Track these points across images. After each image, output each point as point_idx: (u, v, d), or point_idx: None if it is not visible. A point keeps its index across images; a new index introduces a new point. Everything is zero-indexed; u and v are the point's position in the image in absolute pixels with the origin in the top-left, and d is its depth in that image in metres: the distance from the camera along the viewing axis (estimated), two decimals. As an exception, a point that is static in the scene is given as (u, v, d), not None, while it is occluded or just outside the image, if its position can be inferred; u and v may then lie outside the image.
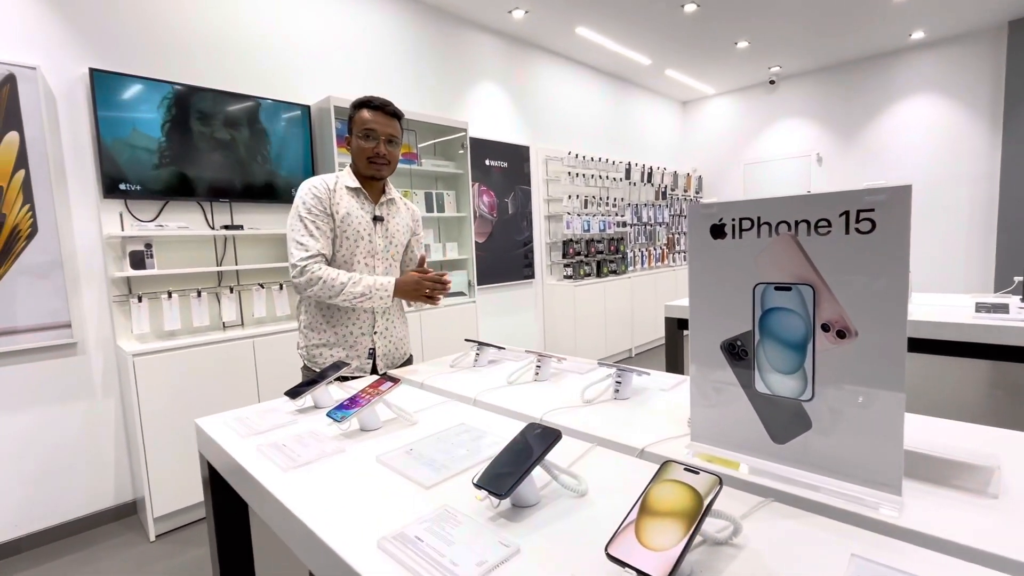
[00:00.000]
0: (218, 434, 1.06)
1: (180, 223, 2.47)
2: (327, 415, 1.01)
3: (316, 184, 1.47)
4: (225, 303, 2.58)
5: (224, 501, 1.15)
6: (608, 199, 5.37)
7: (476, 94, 4.13)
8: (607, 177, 5.36)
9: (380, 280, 1.44)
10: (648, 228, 6.05)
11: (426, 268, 1.53)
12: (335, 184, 1.50)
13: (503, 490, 0.65)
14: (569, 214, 4.83)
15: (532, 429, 0.76)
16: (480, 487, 0.68)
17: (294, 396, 1.17)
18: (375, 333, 1.56)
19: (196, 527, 2.32)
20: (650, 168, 5.97)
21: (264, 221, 2.79)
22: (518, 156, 4.49)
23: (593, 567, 0.56)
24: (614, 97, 5.69)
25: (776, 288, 0.75)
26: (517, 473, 0.67)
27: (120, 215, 2.33)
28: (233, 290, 2.63)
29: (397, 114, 1.51)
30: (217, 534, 1.17)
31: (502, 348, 1.61)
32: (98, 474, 2.34)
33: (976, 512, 0.64)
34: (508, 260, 4.43)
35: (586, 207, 5.05)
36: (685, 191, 6.67)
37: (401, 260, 1.69)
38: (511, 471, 0.68)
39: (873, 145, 5.61)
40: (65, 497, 2.26)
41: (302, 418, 1.12)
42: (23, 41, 2.12)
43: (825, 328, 0.70)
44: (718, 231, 0.80)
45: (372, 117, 1.47)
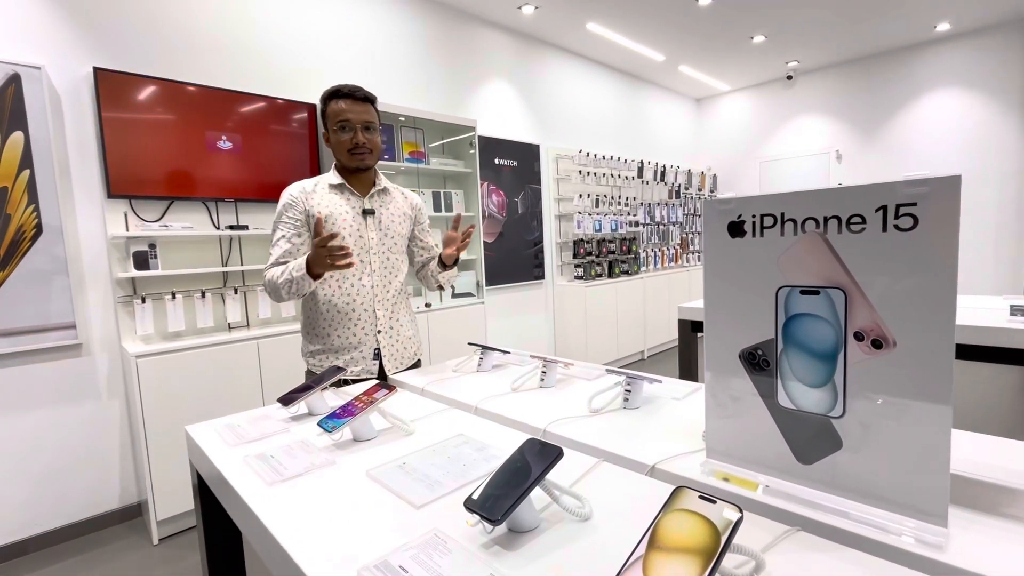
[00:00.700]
0: (206, 443, 1.01)
1: (185, 223, 2.44)
2: (318, 424, 0.96)
3: (291, 189, 1.44)
4: (230, 304, 2.56)
5: (215, 511, 1.11)
6: (620, 198, 5.27)
7: (485, 92, 4.07)
8: (619, 176, 5.27)
9: (297, 261, 1.33)
10: (661, 227, 5.93)
11: (322, 231, 1.26)
12: (314, 186, 1.45)
13: (497, 515, 0.59)
14: (580, 213, 4.74)
15: (531, 446, 0.70)
16: (472, 511, 0.61)
17: (286, 403, 1.12)
18: (378, 332, 1.49)
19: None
20: (663, 166, 5.86)
21: (270, 221, 2.75)
22: (528, 154, 4.42)
23: (595, 609, 0.50)
24: (626, 94, 5.59)
25: (802, 292, 0.67)
26: (513, 496, 0.61)
27: (125, 215, 2.31)
28: (238, 291, 2.60)
29: (369, 98, 1.44)
30: (207, 544, 1.13)
31: (507, 352, 1.55)
32: (103, 476, 2.33)
33: (1036, 549, 0.56)
34: (518, 260, 4.36)
35: (597, 206, 4.96)
36: (699, 190, 6.54)
37: (411, 252, 1.64)
38: (506, 493, 0.62)
39: (896, 141, 5.43)
40: (70, 499, 2.25)
41: (294, 426, 1.07)
42: (28, 40, 2.11)
43: (858, 337, 0.63)
44: (736, 229, 0.73)
45: (345, 107, 1.40)
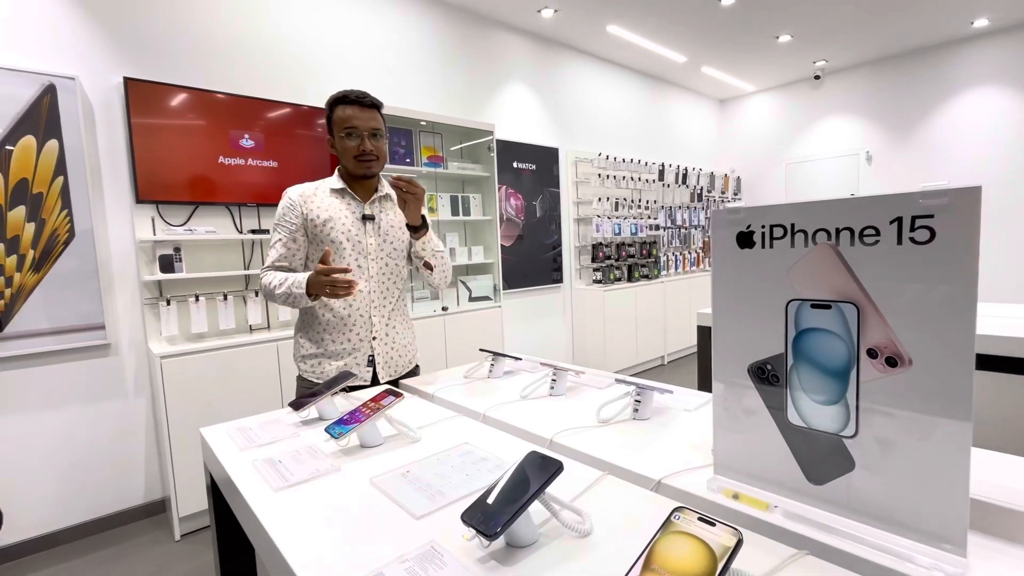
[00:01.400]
0: (218, 445, 1.03)
1: (208, 227, 2.51)
2: (325, 430, 0.97)
3: (291, 193, 1.43)
4: (251, 306, 2.61)
5: (229, 511, 1.13)
6: (640, 201, 5.21)
7: (504, 96, 4.08)
8: (639, 179, 5.21)
9: (297, 277, 1.32)
10: (682, 231, 5.85)
11: (329, 260, 1.27)
12: (315, 189, 1.44)
13: (492, 531, 0.59)
14: (599, 217, 4.71)
15: (532, 459, 0.69)
16: (468, 524, 0.61)
17: (297, 408, 1.13)
18: (373, 339, 1.46)
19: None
20: (685, 169, 5.77)
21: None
22: (547, 158, 4.40)
23: (587, 632, 0.49)
24: (648, 96, 5.53)
25: (813, 306, 0.65)
26: (509, 512, 0.60)
27: (152, 220, 2.39)
28: (259, 293, 2.66)
29: (376, 104, 1.43)
30: (219, 544, 1.15)
31: (518, 359, 1.54)
32: (129, 472, 2.40)
33: (1064, 584, 0.52)
34: (536, 264, 4.35)
35: (617, 209, 4.91)
36: (722, 192, 6.42)
37: (412, 259, 1.58)
38: (503, 508, 0.61)
39: (929, 142, 5.23)
40: (98, 493, 2.33)
41: (304, 431, 1.09)
42: (62, 52, 2.20)
43: (872, 354, 0.60)
44: (746, 239, 0.71)
45: (352, 113, 1.40)
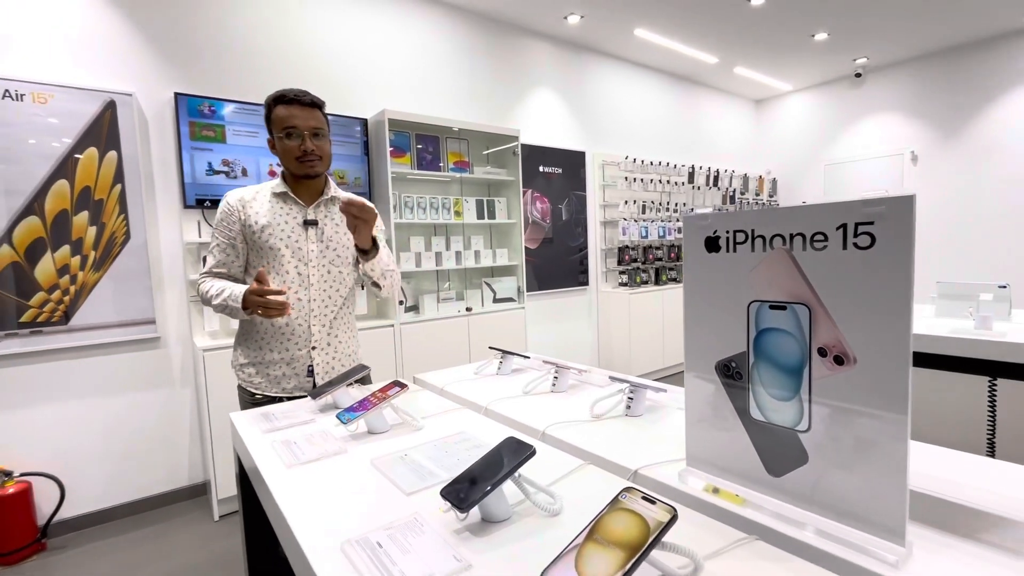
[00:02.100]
0: (243, 427, 1.14)
1: (249, 230, 2.69)
2: (336, 416, 1.06)
3: (229, 197, 1.38)
4: (286, 304, 2.78)
5: (255, 495, 1.24)
6: (669, 204, 5.17)
7: (531, 101, 4.15)
8: (668, 181, 5.17)
9: (235, 291, 1.27)
10: (714, 234, 5.74)
11: (265, 280, 1.23)
12: (255, 194, 1.39)
13: (464, 504, 0.66)
14: (625, 220, 4.71)
15: (509, 443, 0.75)
16: (445, 498, 0.68)
17: (316, 396, 1.23)
18: (313, 348, 1.39)
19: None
20: (716, 171, 5.68)
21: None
22: (573, 162, 4.45)
23: (536, 591, 0.55)
24: (678, 98, 5.48)
25: (771, 307, 0.69)
26: (482, 489, 0.67)
27: (198, 223, 2.58)
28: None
29: (316, 103, 1.36)
30: (246, 525, 1.27)
31: (526, 357, 1.61)
32: (175, 456, 2.60)
33: None
34: (561, 266, 4.40)
35: (644, 212, 4.90)
36: (757, 194, 6.27)
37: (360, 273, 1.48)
38: (477, 485, 0.68)
39: (979, 141, 4.97)
40: (147, 474, 2.53)
41: (320, 417, 1.19)
42: (121, 70, 2.42)
43: (822, 353, 0.64)
44: (712, 244, 0.76)
45: (290, 112, 1.32)
